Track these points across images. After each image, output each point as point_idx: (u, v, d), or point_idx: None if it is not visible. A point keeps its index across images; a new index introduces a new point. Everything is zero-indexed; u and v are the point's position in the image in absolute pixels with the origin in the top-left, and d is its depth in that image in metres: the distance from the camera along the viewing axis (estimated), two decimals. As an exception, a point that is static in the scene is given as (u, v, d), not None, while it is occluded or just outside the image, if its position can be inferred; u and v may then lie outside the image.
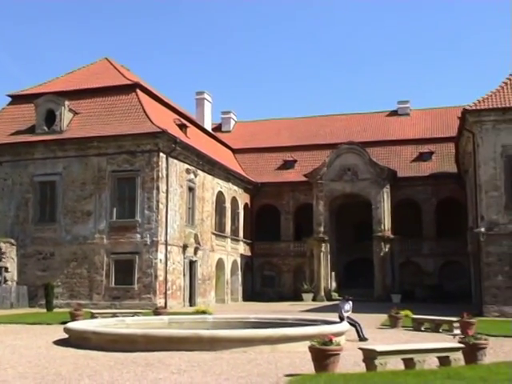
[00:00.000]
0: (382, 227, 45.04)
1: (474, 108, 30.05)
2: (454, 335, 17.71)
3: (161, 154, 35.11)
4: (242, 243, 48.38)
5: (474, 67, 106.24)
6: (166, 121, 38.25)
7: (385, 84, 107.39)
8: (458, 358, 12.61)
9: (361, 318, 21.41)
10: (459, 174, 42.69)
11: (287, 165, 51.75)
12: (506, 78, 31.62)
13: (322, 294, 45.01)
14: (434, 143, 49.20)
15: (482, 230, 29.12)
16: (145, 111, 36.54)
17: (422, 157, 48.87)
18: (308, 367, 11.97)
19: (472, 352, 12.69)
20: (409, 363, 12.07)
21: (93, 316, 23.64)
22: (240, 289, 46.85)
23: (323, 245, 46.03)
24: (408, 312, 24.62)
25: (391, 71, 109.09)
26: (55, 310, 32.32)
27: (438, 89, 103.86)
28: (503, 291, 28.39)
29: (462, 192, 42.43)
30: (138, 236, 34.67)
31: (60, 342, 16.79)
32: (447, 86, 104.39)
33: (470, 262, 37.88)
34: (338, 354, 11.62)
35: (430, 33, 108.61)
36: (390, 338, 18.97)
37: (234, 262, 46.34)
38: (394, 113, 55.73)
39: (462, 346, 12.75)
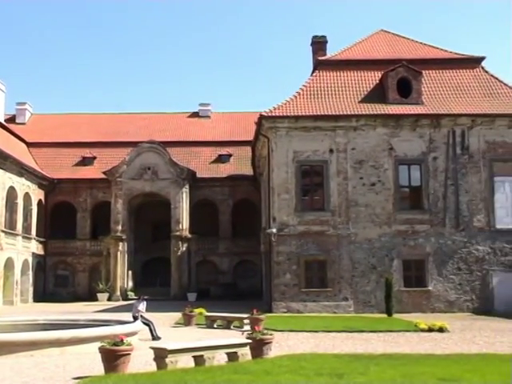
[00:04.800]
0: (180, 227, 45.58)
1: (269, 114, 31.58)
2: (243, 331, 18.43)
3: None
4: (34, 241, 46.00)
5: (273, 75, 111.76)
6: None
7: (187, 86, 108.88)
8: (245, 353, 13.17)
9: (156, 317, 21.50)
10: (255, 177, 44.60)
11: (86, 161, 50.22)
12: (299, 88, 33.65)
13: (118, 293, 44.38)
14: (233, 146, 50.86)
15: (274, 230, 30.71)
16: None
17: (221, 159, 50.29)
18: (98, 369, 11.77)
19: (258, 347, 13.32)
20: (199, 360, 12.37)
21: None
22: (31, 289, 44.51)
23: (121, 244, 45.44)
24: (202, 310, 25.18)
25: (194, 73, 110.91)
26: None
27: (237, 94, 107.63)
28: (291, 288, 30.20)
29: (256, 194, 44.38)
30: None
31: None
32: (247, 91, 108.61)
33: (262, 261, 39.70)
34: (129, 354, 11.57)
35: (231, 41, 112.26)
36: (183, 336, 19.24)
37: (25, 261, 43.91)
38: (195, 114, 56.67)
39: (249, 341, 13.33)
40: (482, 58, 35.24)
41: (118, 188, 46.07)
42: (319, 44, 38.48)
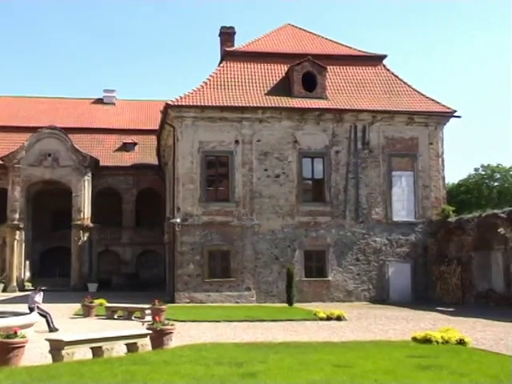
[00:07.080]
0: (82, 215, 44.44)
1: (175, 103, 31.30)
2: (144, 322, 18.27)
3: None
4: None
5: (180, 64, 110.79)
6: None
7: (92, 71, 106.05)
8: (145, 344, 13.06)
9: (55, 308, 20.95)
10: (160, 166, 44.14)
11: (-19, 146, 47.95)
12: (207, 78, 33.52)
13: (15, 284, 42.73)
14: (138, 134, 50.07)
15: (178, 220, 30.57)
16: None
17: (126, 147, 49.39)
18: (-10, 362, 11.28)
19: (159, 337, 13.23)
20: (97, 352, 12.15)
21: None
22: None
23: (18, 233, 43.71)
24: (103, 301, 24.72)
25: (99, 59, 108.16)
26: None
27: (144, 82, 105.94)
28: (194, 278, 30.19)
29: (161, 183, 43.98)
30: None
31: None
32: (153, 79, 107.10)
33: (165, 251, 39.43)
34: (23, 347, 11.18)
35: (136, 28, 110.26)
36: (81, 327, 18.83)
37: None
38: (99, 101, 55.25)
39: (149, 332, 13.21)
40: (384, 56, 36.44)
41: (15, 175, 44.24)
42: (227, 35, 38.50)
